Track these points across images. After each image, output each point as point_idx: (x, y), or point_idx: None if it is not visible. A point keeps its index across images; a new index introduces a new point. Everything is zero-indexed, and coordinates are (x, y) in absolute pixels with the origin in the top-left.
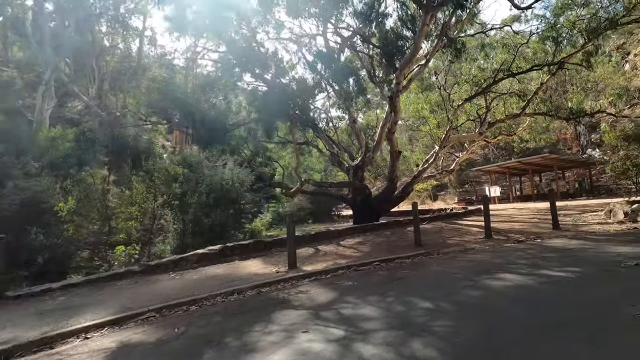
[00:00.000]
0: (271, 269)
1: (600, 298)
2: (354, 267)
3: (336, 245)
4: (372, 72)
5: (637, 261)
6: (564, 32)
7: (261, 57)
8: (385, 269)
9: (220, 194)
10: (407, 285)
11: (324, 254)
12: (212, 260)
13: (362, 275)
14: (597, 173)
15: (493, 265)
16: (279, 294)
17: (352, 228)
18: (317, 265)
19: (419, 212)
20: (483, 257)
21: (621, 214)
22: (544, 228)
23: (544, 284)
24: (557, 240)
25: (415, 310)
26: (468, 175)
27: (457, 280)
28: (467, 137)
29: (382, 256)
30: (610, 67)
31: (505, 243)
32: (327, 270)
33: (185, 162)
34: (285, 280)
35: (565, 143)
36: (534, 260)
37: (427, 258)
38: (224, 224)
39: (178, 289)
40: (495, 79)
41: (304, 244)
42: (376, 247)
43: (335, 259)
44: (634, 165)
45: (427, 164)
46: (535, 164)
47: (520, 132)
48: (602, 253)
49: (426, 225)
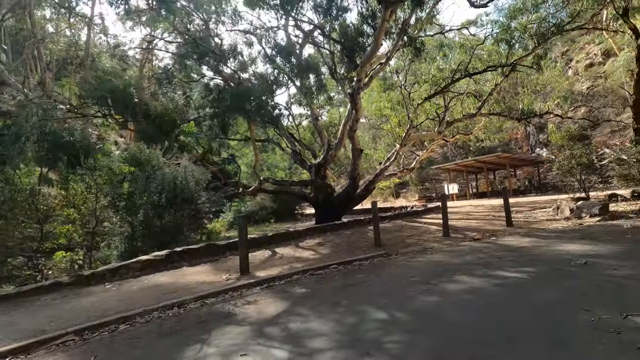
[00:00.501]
0: (221, 275)
1: (555, 301)
2: (310, 271)
3: (295, 247)
4: (333, 68)
5: (586, 259)
6: (517, 36)
7: (216, 49)
8: (342, 272)
9: (174, 194)
10: (362, 291)
11: (281, 257)
12: (158, 267)
13: (317, 280)
14: (545, 171)
15: (450, 266)
16: (225, 306)
17: (313, 228)
18: (271, 270)
19: (380, 210)
20: (441, 258)
21: (567, 210)
22: (498, 225)
23: (499, 286)
24: (511, 238)
25: (368, 322)
26: (428, 173)
27: (414, 284)
28: (427, 136)
29: (340, 258)
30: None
31: (462, 241)
32: (282, 276)
33: (134, 159)
34: (235, 289)
35: (517, 143)
36: (489, 260)
37: (386, 259)
38: (178, 226)
39: (111, 304)
40: (453, 78)
41: (261, 246)
42: (335, 248)
43: (292, 263)
44: (578, 163)
45: (388, 162)
46: (489, 162)
47: (476, 132)
48: (553, 251)
49: (387, 224)
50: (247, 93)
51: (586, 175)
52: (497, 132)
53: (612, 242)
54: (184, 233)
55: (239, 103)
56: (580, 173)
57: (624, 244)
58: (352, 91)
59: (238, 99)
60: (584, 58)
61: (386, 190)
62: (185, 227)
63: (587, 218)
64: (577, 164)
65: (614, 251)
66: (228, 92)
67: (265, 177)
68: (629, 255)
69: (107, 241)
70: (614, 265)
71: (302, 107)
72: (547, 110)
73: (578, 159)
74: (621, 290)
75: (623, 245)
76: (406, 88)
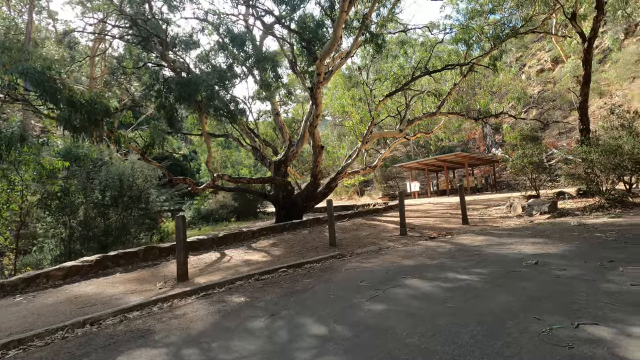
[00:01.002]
0: (156, 283)
1: (505, 309)
2: (256, 275)
3: (246, 249)
4: (293, 61)
5: (537, 259)
6: (474, 36)
7: (161, 33)
8: (290, 277)
9: (120, 191)
10: (306, 299)
11: (229, 259)
12: (87, 274)
13: (261, 286)
14: (500, 170)
15: (403, 268)
16: (147, 322)
17: (269, 228)
18: (214, 275)
19: (343, 208)
20: (395, 259)
21: (520, 208)
22: (455, 223)
23: (450, 291)
24: (466, 237)
25: (303, 339)
26: (392, 172)
27: (362, 290)
28: (389, 134)
29: (291, 261)
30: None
31: (418, 240)
32: (223, 282)
33: (70, 154)
34: (165, 299)
35: (475, 142)
36: (442, 261)
37: (339, 261)
38: (125, 226)
39: (10, 322)
40: (413, 76)
41: (210, 248)
42: (289, 249)
43: (239, 267)
44: (530, 162)
45: (350, 160)
46: (449, 161)
47: (437, 131)
48: (505, 250)
49: (346, 222)
50: (197, 83)
51: (537, 174)
52: (456, 132)
53: (561, 240)
54: (131, 234)
55: (188, 93)
56: (531, 172)
57: (572, 242)
58: (311, 85)
59: (187, 89)
60: (536, 64)
61: (351, 188)
62: (134, 228)
63: (537, 215)
64: (528, 163)
65: (562, 250)
66: (175, 82)
67: (220, 174)
68: (577, 253)
69: (40, 244)
70: (563, 265)
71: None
72: (502, 110)
73: (529, 158)
74: (571, 293)
75: (571, 244)
76: (368, 85)
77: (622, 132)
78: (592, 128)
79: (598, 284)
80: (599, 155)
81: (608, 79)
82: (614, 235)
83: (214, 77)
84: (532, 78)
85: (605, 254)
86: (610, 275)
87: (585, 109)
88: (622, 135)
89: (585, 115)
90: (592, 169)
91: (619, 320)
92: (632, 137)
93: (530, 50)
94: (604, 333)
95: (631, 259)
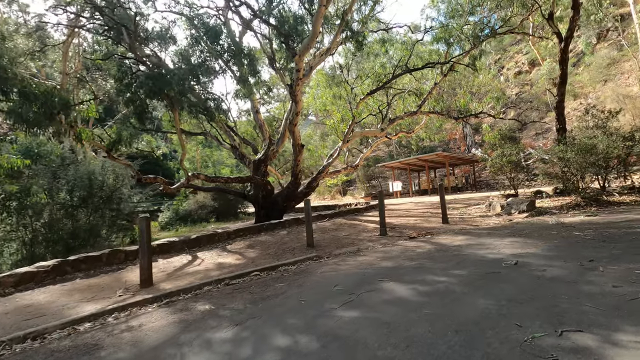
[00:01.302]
0: (117, 290)
1: (484, 315)
2: (226, 280)
3: (220, 251)
4: (272, 57)
5: (516, 259)
6: (454, 35)
7: (129, 23)
8: (262, 281)
9: (89, 191)
10: (276, 306)
11: (200, 262)
12: (42, 280)
13: (230, 292)
14: (480, 169)
15: (380, 270)
16: (97, 335)
17: (246, 228)
18: (181, 280)
19: (325, 207)
20: (372, 260)
21: (499, 207)
22: (435, 222)
23: (427, 296)
24: (445, 237)
25: (265, 354)
26: (374, 171)
27: (335, 295)
28: (370, 133)
29: (265, 263)
30: (491, 75)
31: (398, 240)
32: (190, 288)
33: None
34: (124, 307)
35: (455, 142)
36: (421, 262)
37: (315, 263)
38: (93, 228)
39: None
40: (394, 74)
41: (182, 250)
42: (265, 251)
43: (209, 270)
44: (509, 162)
45: (331, 159)
46: (430, 161)
47: (418, 130)
48: (484, 250)
49: (326, 222)
50: (169, 77)
51: (515, 173)
52: (437, 132)
53: (540, 239)
54: (102, 236)
55: (159, 88)
56: (510, 171)
57: (551, 241)
58: (291, 82)
59: (157, 82)
60: (514, 66)
61: (334, 188)
62: (105, 230)
63: (516, 214)
64: (507, 163)
65: (542, 249)
66: (145, 75)
67: (195, 173)
68: (556, 253)
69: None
70: (543, 266)
71: (241, 99)
72: (482, 110)
73: (508, 157)
74: (552, 296)
75: (550, 243)
76: (348, 82)
77: (596, 132)
78: (568, 128)
79: (579, 286)
80: (575, 155)
81: (582, 81)
82: (591, 234)
83: (187, 71)
84: (510, 80)
85: (585, 253)
86: (591, 275)
87: (561, 109)
88: (597, 134)
89: (562, 115)
90: (569, 167)
91: (604, 325)
92: (606, 136)
93: (509, 53)
94: (589, 341)
95: (610, 258)
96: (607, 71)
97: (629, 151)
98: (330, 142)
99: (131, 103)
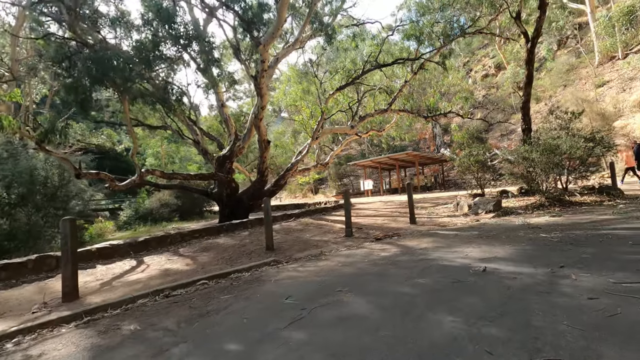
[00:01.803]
0: (34, 304)
1: (451, 336)
2: (166, 291)
3: (171, 255)
4: (237, 47)
5: (485, 265)
6: (425, 32)
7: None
8: (208, 292)
9: (30, 188)
10: (213, 326)
11: (144, 269)
12: None
13: (167, 306)
14: (448, 169)
15: (340, 278)
16: None
17: (204, 229)
18: (114, 292)
19: (295, 206)
20: (334, 265)
21: (466, 207)
22: (403, 223)
23: (388, 311)
24: (412, 239)
25: None
26: (346, 170)
27: (285, 310)
28: (340, 130)
29: (217, 270)
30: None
31: (364, 242)
32: (121, 302)
33: None
34: (31, 329)
35: (425, 142)
36: (384, 268)
37: (272, 269)
38: (34, 229)
39: None
40: (364, 69)
41: (126, 255)
42: (220, 255)
43: (152, 279)
44: (476, 161)
45: (300, 156)
46: (401, 160)
47: (389, 129)
48: (451, 254)
49: (292, 222)
50: (114, 61)
51: (482, 173)
52: (408, 131)
53: (508, 241)
54: (44, 237)
55: (102, 72)
56: (477, 171)
57: (519, 244)
58: (256, 74)
59: (101, 66)
60: (481, 69)
61: (305, 186)
62: (49, 231)
63: (483, 214)
64: (474, 162)
65: (510, 253)
66: (86, 58)
67: (150, 169)
68: (525, 257)
69: None
70: (513, 273)
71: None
72: (451, 109)
73: (476, 157)
74: (525, 312)
75: (518, 246)
76: (317, 77)
77: (560, 132)
78: (533, 128)
79: (553, 298)
80: (540, 155)
81: (543, 85)
82: (558, 236)
83: (136, 55)
84: (478, 82)
85: (554, 257)
86: (563, 285)
87: (527, 109)
88: (561, 135)
89: (528, 115)
90: (534, 168)
91: (584, 350)
92: (569, 137)
93: (476, 56)
94: None
95: (581, 263)
96: (567, 77)
97: (590, 152)
98: (302, 139)
99: (72, 90)
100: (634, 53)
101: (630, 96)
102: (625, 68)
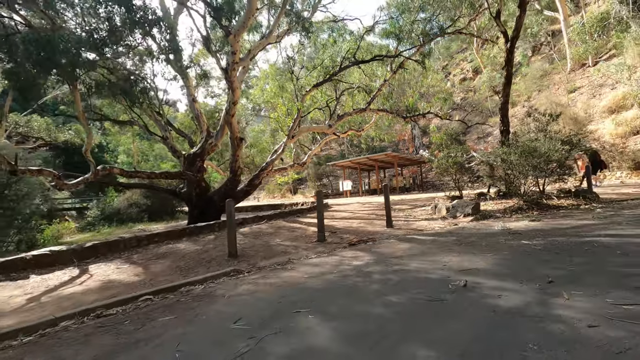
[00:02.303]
0: None
1: None
2: (99, 310)
3: (122, 262)
4: (207, 37)
5: (465, 279)
6: (405, 30)
7: None
8: (147, 311)
9: None
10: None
11: (84, 281)
12: None
13: (90, 332)
14: (427, 170)
15: (303, 294)
16: None
17: (165, 233)
18: (37, 311)
19: (270, 207)
20: (299, 277)
21: (444, 209)
22: (379, 226)
23: (353, 342)
24: (387, 244)
25: None
26: (325, 170)
27: (230, 338)
28: (317, 129)
29: (166, 281)
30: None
31: (336, 248)
32: (37, 325)
33: None
34: None
35: (404, 144)
36: (354, 281)
37: (231, 280)
38: None
39: None
40: (341, 65)
41: (69, 263)
42: (176, 262)
43: (89, 293)
44: (454, 163)
45: (275, 155)
46: (380, 161)
47: (368, 129)
48: (428, 263)
49: (263, 224)
50: (60, 43)
51: (460, 175)
52: (387, 132)
53: (488, 249)
54: None
55: (46, 57)
56: (455, 172)
57: (500, 252)
58: (226, 66)
59: (45, 50)
60: (459, 73)
61: (284, 186)
62: None
63: (461, 217)
64: (453, 164)
65: (492, 263)
66: (27, 40)
67: (108, 166)
68: (509, 269)
69: None
70: (497, 290)
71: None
72: (429, 110)
73: (454, 158)
74: (516, 345)
75: (499, 254)
76: (293, 72)
77: (538, 135)
78: (511, 130)
79: (547, 325)
80: (518, 157)
81: (518, 90)
82: (541, 244)
83: (87, 38)
84: (456, 85)
85: (540, 269)
86: (556, 306)
87: (506, 110)
88: (539, 137)
89: (506, 116)
90: (512, 170)
91: None
92: (546, 139)
93: (455, 60)
94: None
95: (570, 277)
96: (540, 82)
97: (567, 155)
98: (280, 138)
99: (12, 75)
100: (604, 60)
101: (600, 102)
102: (595, 75)
